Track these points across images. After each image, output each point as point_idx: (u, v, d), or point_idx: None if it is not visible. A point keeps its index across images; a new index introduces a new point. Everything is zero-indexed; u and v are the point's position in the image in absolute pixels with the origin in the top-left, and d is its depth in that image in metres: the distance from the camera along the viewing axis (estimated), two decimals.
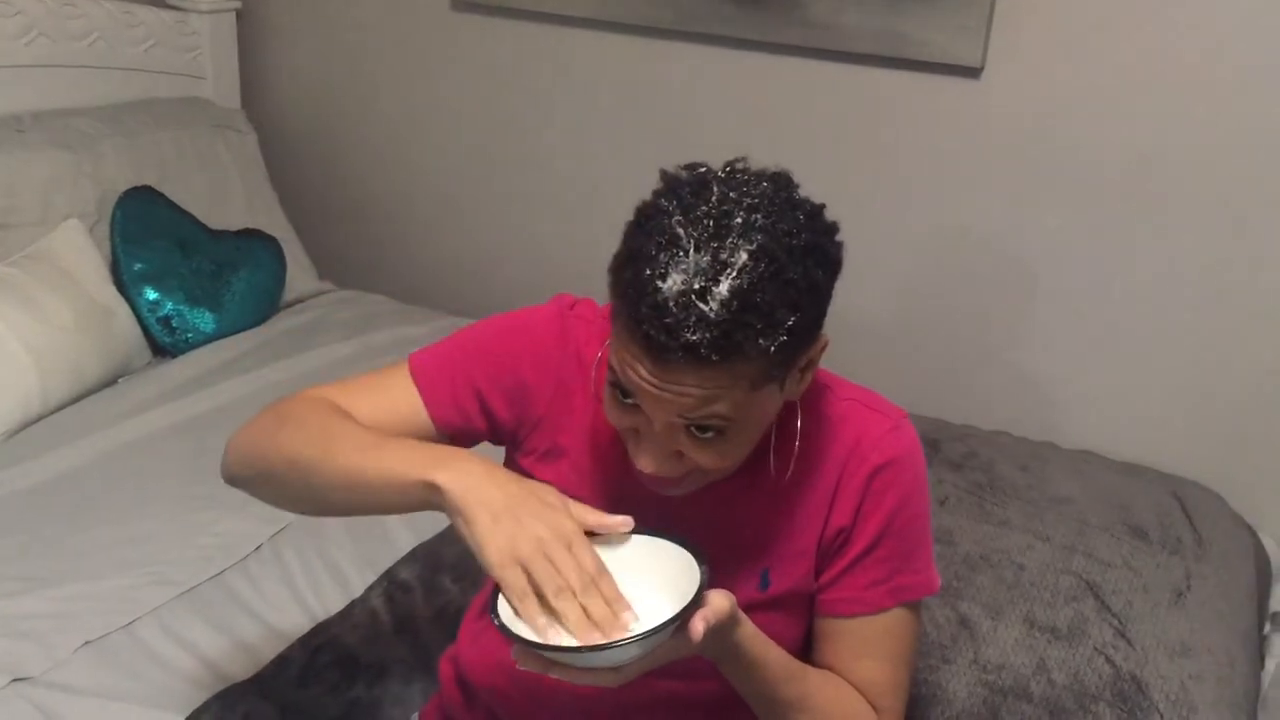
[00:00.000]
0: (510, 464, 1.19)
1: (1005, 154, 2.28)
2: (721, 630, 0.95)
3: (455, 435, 1.13)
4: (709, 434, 0.95)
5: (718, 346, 0.87)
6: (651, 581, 0.97)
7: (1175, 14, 2.07)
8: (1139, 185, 2.18)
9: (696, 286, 0.87)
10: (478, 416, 1.14)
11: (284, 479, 1.07)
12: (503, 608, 0.92)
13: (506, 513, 0.92)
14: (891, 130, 2.37)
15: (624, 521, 0.97)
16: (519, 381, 1.13)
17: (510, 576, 0.90)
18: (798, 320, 0.90)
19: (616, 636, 0.89)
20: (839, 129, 2.41)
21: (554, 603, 0.89)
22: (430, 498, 0.96)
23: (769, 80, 2.44)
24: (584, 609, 0.89)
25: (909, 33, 2.24)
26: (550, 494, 0.95)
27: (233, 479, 1.15)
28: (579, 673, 0.90)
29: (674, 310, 0.87)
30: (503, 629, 0.90)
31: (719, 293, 0.87)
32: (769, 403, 0.98)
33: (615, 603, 0.91)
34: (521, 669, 0.91)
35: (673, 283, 0.87)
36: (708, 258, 0.88)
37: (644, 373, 0.92)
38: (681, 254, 0.88)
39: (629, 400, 0.96)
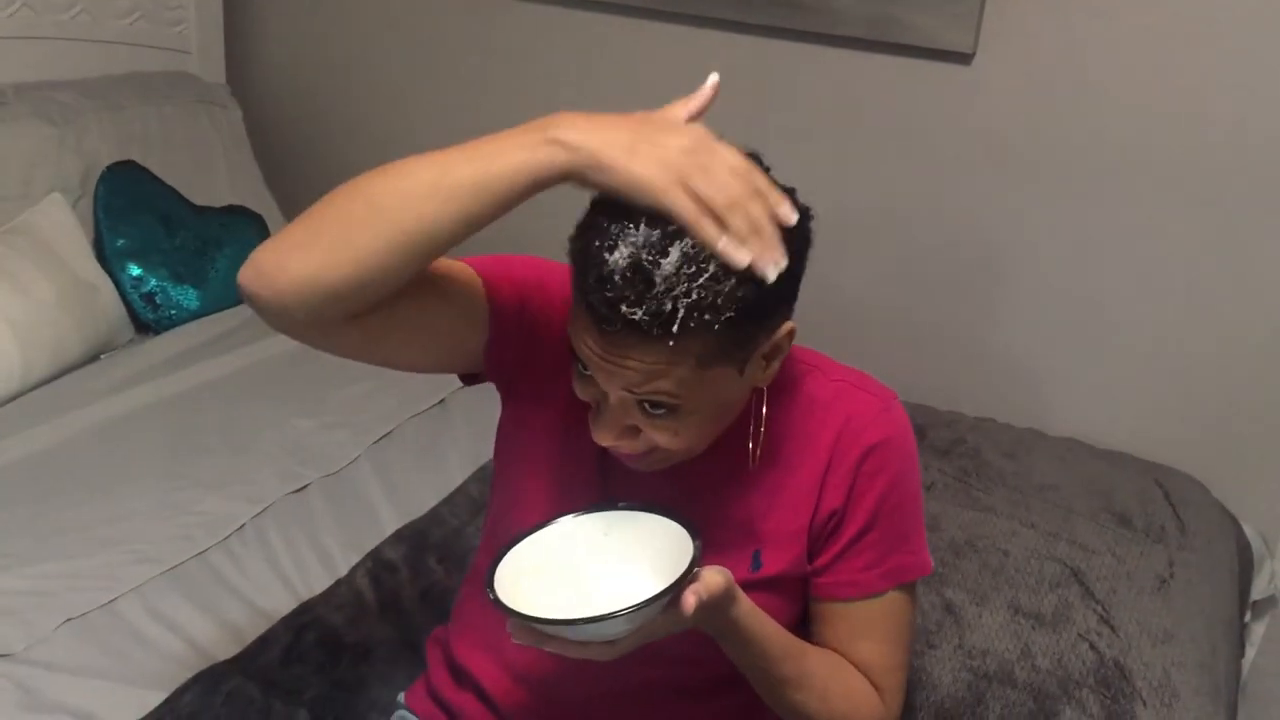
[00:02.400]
0: (506, 420, 1.18)
1: (995, 140, 2.27)
2: (717, 605, 0.95)
3: (497, 311, 1.08)
4: (660, 410, 0.95)
5: (659, 320, 0.87)
6: (647, 557, 0.97)
7: (1168, 1, 2.06)
8: (1127, 174, 2.18)
9: (644, 259, 0.87)
10: (516, 304, 1.09)
11: (345, 220, 0.91)
12: (499, 584, 0.92)
13: (641, 140, 0.88)
14: (881, 116, 2.37)
15: (713, 80, 0.97)
16: (552, 309, 1.10)
17: (680, 200, 0.85)
18: (746, 299, 0.89)
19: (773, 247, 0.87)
20: (828, 113, 2.41)
21: (727, 218, 0.86)
22: (552, 161, 0.88)
23: (759, 63, 2.43)
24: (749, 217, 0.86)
25: (900, 17, 2.24)
26: (656, 114, 0.93)
27: (260, 268, 0.93)
28: (573, 645, 0.90)
29: (618, 282, 0.87)
30: (497, 603, 0.90)
31: (665, 266, 0.86)
32: (725, 385, 0.96)
33: (771, 193, 0.88)
34: (516, 643, 0.90)
35: (619, 255, 0.87)
36: (657, 232, 0.87)
37: (591, 344, 0.92)
38: (632, 227, 0.88)
39: (587, 372, 0.96)
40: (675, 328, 0.87)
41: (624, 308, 0.87)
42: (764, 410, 1.06)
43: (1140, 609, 1.72)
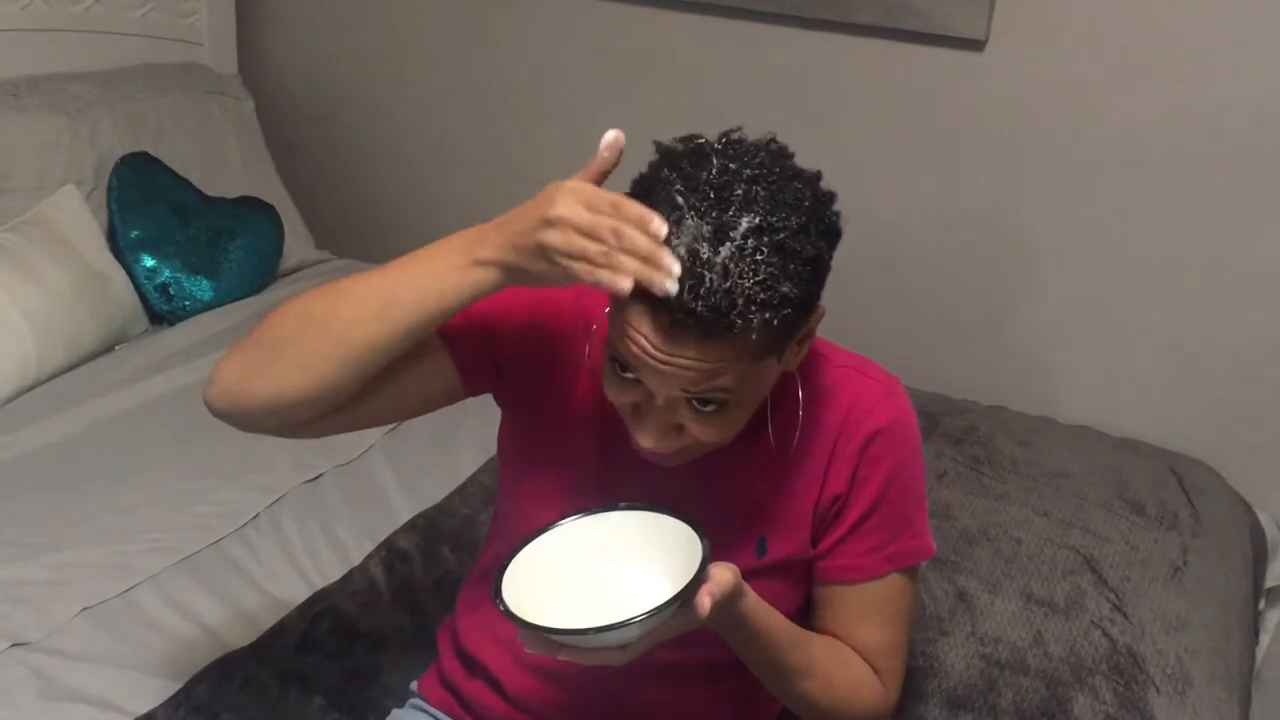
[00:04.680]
0: (505, 424, 1.19)
1: (1007, 128, 2.27)
2: (726, 603, 0.95)
3: (464, 353, 1.10)
4: (710, 407, 0.95)
5: (722, 317, 0.87)
6: (653, 557, 0.96)
7: None
8: (1140, 161, 2.17)
9: (701, 253, 0.86)
10: (489, 344, 1.11)
11: (294, 344, 0.98)
12: (507, 593, 0.92)
13: (521, 236, 0.90)
14: (893, 103, 2.36)
15: (613, 137, 0.94)
16: (535, 328, 1.12)
17: (563, 264, 0.87)
18: (800, 292, 0.90)
19: (666, 255, 0.85)
20: (840, 101, 2.40)
21: (590, 254, 0.86)
22: (479, 283, 0.94)
23: (769, 51, 2.43)
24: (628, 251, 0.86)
25: (912, 4, 2.23)
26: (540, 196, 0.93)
27: (225, 390, 1.02)
28: (586, 653, 0.90)
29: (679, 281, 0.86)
30: (508, 614, 0.89)
31: (722, 263, 0.86)
32: (768, 374, 0.98)
33: (648, 223, 0.86)
34: (529, 652, 0.90)
35: (675, 247, 0.86)
36: (709, 228, 0.87)
37: (647, 345, 0.91)
38: (684, 225, 0.87)
39: (629, 375, 0.96)
40: (739, 322, 0.87)
41: (690, 305, 0.86)
42: (799, 393, 1.07)
43: (1154, 596, 1.71)
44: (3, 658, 1.40)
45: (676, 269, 0.85)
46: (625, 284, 0.85)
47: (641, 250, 0.85)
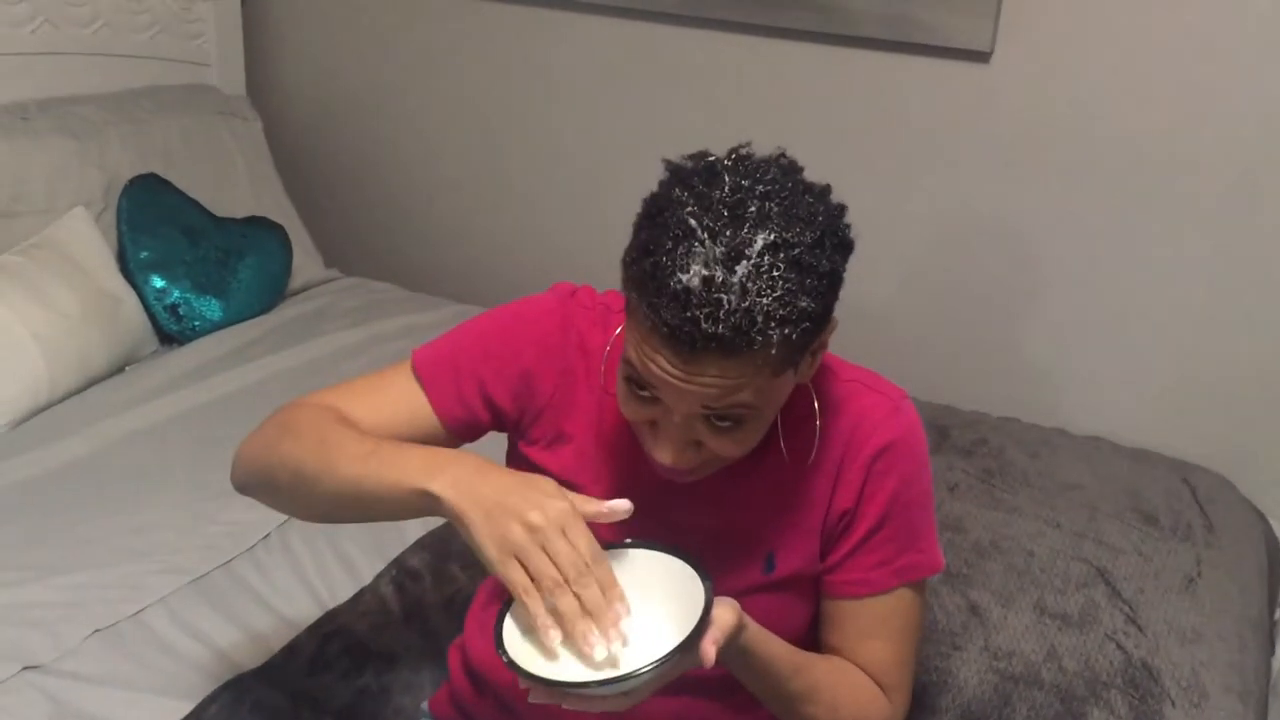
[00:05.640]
0: (514, 452, 1.19)
1: (1014, 139, 2.26)
2: (729, 642, 0.95)
3: (460, 428, 1.14)
4: (728, 423, 0.95)
5: (742, 335, 0.87)
6: (654, 596, 0.96)
7: None
8: (1148, 171, 2.16)
9: (717, 277, 0.86)
10: (482, 409, 1.14)
11: (290, 490, 1.07)
12: (509, 641, 0.92)
13: (498, 507, 0.91)
14: (900, 115, 2.36)
15: (624, 507, 0.95)
16: (522, 371, 1.13)
17: (510, 573, 0.89)
18: (817, 305, 0.90)
19: (609, 625, 0.89)
20: (846, 114, 2.40)
21: (551, 599, 0.89)
22: (427, 505, 0.96)
23: (776, 65, 2.43)
24: (578, 598, 0.89)
25: (917, 16, 2.23)
26: (545, 482, 0.94)
27: (243, 488, 1.15)
28: (590, 701, 0.90)
29: (695, 301, 0.86)
30: (511, 665, 0.89)
31: (739, 283, 0.86)
32: (785, 387, 0.98)
33: (610, 589, 0.90)
34: (532, 701, 0.91)
35: (692, 274, 0.87)
36: (722, 248, 0.87)
37: (666, 365, 0.91)
38: (698, 244, 0.88)
39: (645, 393, 0.96)
40: (759, 339, 0.87)
41: (705, 325, 0.87)
42: (815, 404, 1.07)
43: (1168, 608, 1.70)
44: (14, 680, 1.40)
45: (614, 645, 0.89)
46: (554, 637, 0.89)
47: (590, 605, 0.89)
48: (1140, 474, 2.09)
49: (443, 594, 1.64)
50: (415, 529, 1.78)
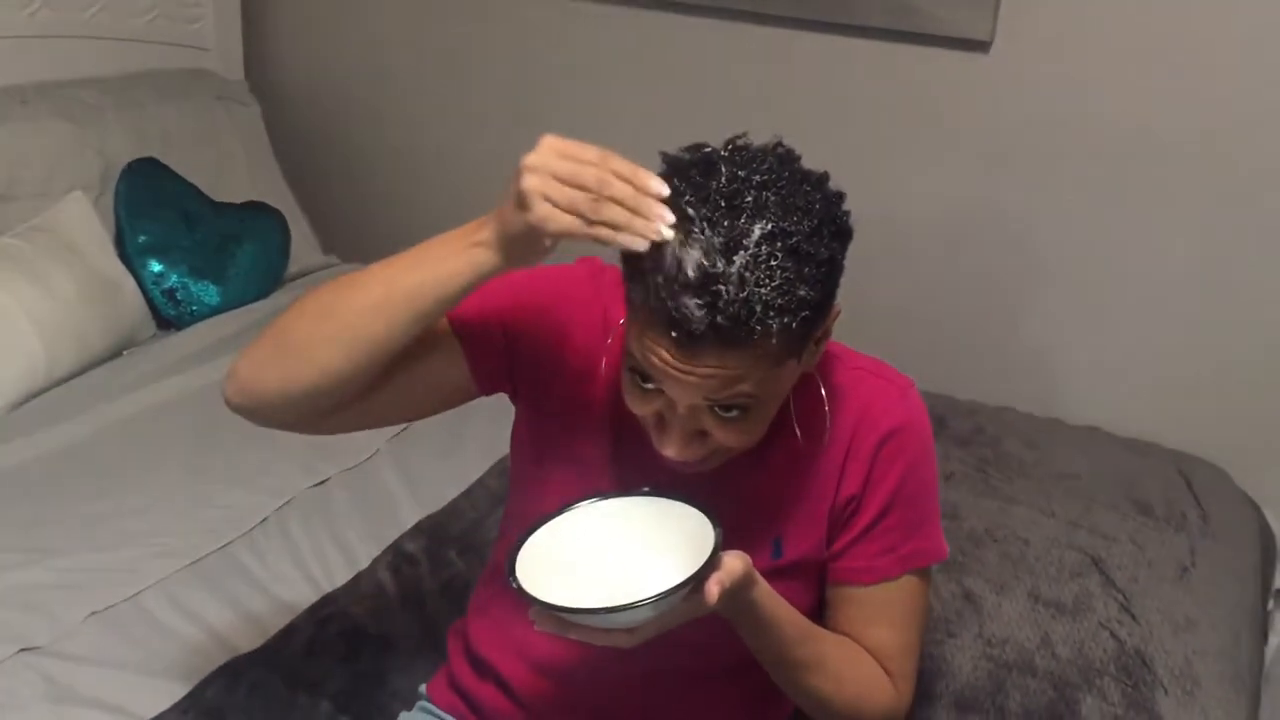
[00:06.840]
0: (518, 422, 1.19)
1: (1012, 129, 2.26)
2: (737, 591, 0.95)
3: (478, 350, 1.10)
4: (733, 413, 0.95)
5: (741, 325, 0.87)
6: (665, 543, 0.97)
7: None
8: (1146, 162, 2.17)
9: (716, 267, 0.86)
10: (499, 336, 1.11)
11: (304, 334, 1.01)
12: (520, 570, 0.93)
13: (511, 195, 0.91)
14: (898, 104, 2.36)
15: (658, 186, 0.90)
16: (551, 325, 1.11)
17: (558, 221, 0.87)
18: (817, 294, 0.90)
19: (654, 203, 0.86)
20: (846, 103, 2.40)
21: (604, 213, 0.86)
22: (479, 264, 0.95)
23: (776, 54, 2.43)
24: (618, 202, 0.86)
25: (917, 5, 2.23)
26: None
27: (244, 384, 1.04)
28: (595, 633, 0.91)
29: (694, 293, 0.86)
30: (520, 591, 0.90)
31: (738, 273, 0.86)
32: (789, 375, 0.98)
33: (634, 176, 0.87)
34: (539, 630, 0.91)
35: (691, 265, 0.86)
36: (720, 238, 0.87)
37: (667, 357, 0.91)
38: (697, 236, 0.87)
39: (649, 385, 0.96)
40: (759, 329, 0.87)
41: (704, 315, 0.86)
42: (822, 392, 1.07)
43: (1162, 597, 1.71)
44: (11, 662, 1.40)
45: (669, 217, 0.86)
46: (626, 239, 0.86)
47: (626, 199, 0.85)
48: (1136, 464, 2.10)
49: (439, 579, 1.65)
50: (412, 514, 1.78)
